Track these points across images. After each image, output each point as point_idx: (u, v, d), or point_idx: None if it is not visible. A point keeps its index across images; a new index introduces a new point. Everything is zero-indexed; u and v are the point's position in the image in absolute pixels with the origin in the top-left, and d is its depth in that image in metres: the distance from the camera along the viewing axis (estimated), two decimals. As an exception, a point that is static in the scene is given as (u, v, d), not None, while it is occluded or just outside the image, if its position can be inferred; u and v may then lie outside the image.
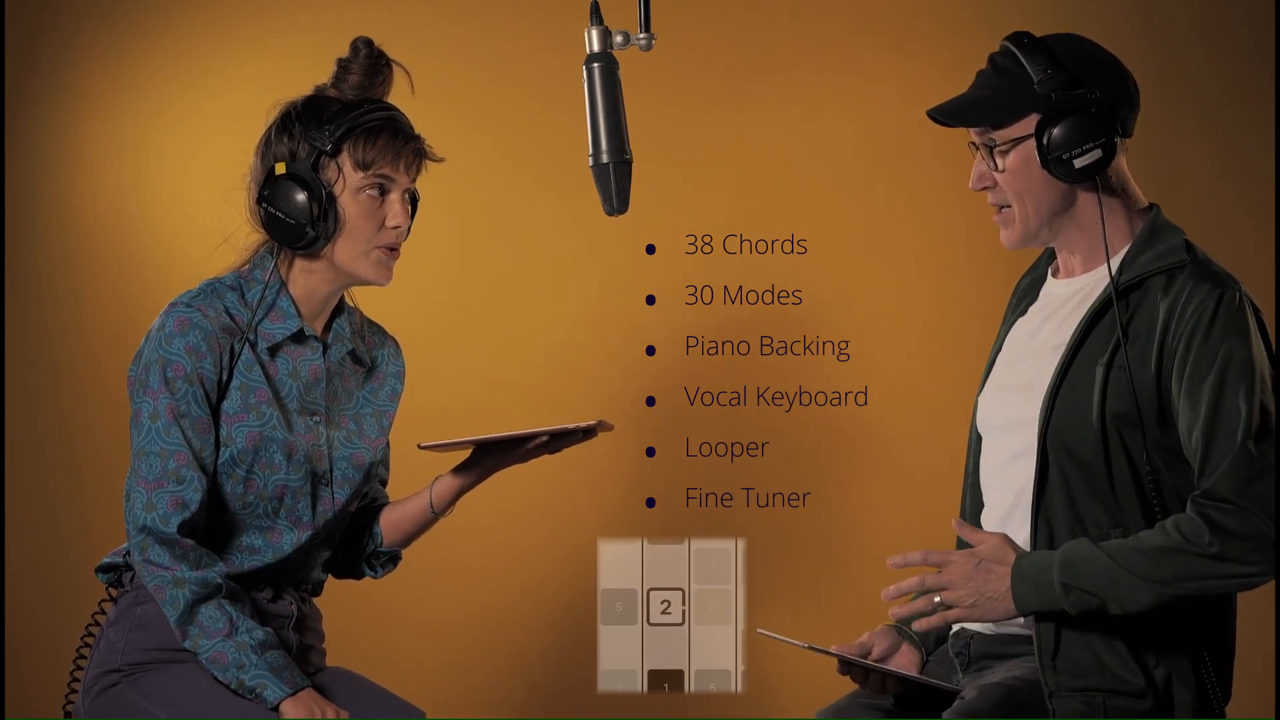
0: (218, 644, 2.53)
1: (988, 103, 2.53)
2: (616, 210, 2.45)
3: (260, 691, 2.52)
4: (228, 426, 2.60)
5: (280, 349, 2.65)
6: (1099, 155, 2.47)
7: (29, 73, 3.64)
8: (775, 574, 3.63)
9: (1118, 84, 2.52)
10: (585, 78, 2.44)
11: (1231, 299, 2.44)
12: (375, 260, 2.66)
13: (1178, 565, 2.38)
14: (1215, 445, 2.39)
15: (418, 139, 2.68)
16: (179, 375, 2.56)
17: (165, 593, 2.54)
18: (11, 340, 3.63)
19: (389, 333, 2.84)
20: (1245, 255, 3.62)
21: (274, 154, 2.63)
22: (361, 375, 2.76)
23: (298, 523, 2.65)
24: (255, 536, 2.64)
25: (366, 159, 2.62)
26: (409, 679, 3.27)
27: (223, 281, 2.65)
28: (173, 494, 2.55)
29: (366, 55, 2.67)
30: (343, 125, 2.61)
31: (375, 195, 2.64)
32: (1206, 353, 2.41)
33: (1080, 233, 2.55)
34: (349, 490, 2.70)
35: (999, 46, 2.55)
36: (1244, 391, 2.39)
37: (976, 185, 2.56)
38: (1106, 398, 2.45)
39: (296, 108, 2.65)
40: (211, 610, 2.54)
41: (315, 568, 2.74)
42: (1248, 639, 3.62)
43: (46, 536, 3.63)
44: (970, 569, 2.45)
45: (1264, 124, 3.60)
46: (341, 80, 2.66)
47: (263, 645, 2.54)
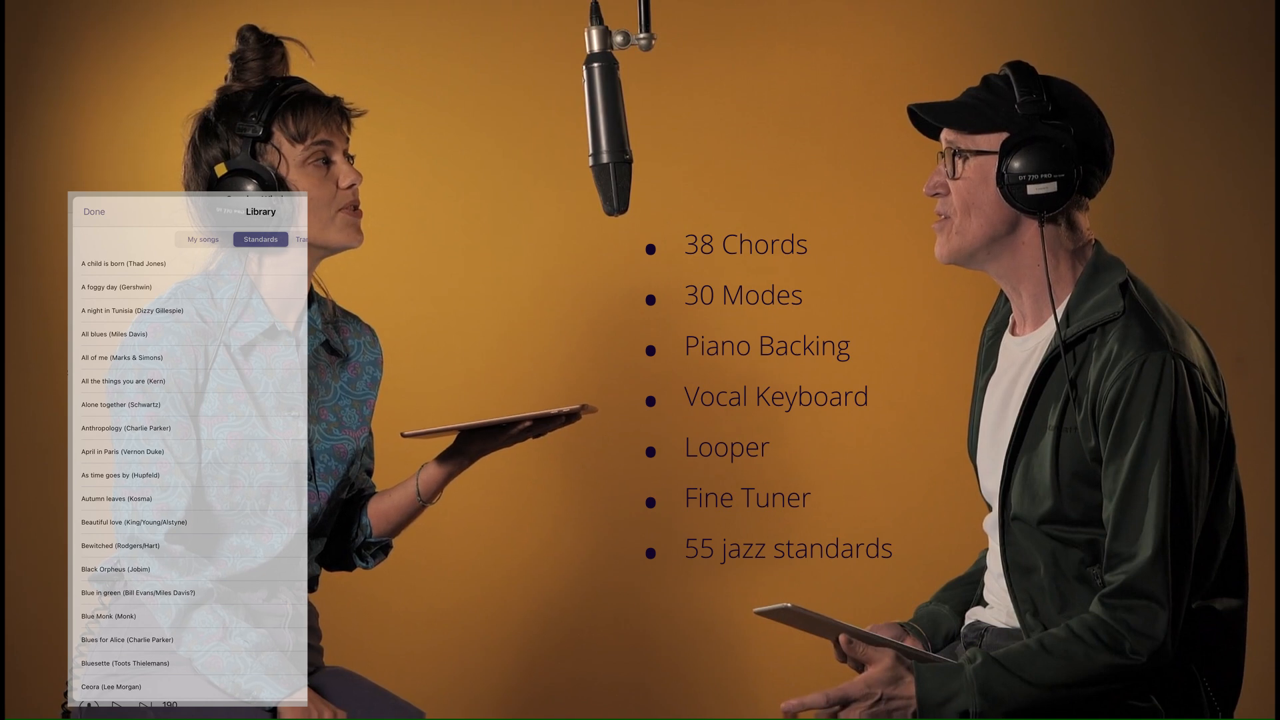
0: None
1: (964, 109, 2.54)
2: (616, 210, 2.45)
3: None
4: (208, 428, 2.59)
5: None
6: (1054, 189, 2.46)
7: (29, 73, 3.64)
8: (775, 574, 3.63)
9: (1095, 140, 2.51)
10: (585, 78, 2.44)
11: (1155, 366, 2.40)
12: (342, 224, 2.67)
13: (1091, 669, 2.39)
14: (1124, 532, 2.40)
15: (337, 99, 2.70)
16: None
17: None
18: (11, 340, 3.63)
19: (365, 322, 2.84)
20: (1245, 255, 3.62)
21: (206, 162, 2.64)
22: (338, 365, 2.76)
23: (286, 520, 2.65)
24: (245, 537, 2.63)
25: (300, 130, 2.64)
26: (409, 678, 3.27)
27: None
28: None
29: (256, 40, 2.69)
30: (265, 107, 2.63)
31: (320, 164, 2.65)
32: (1127, 426, 2.40)
33: (1017, 268, 2.54)
34: (333, 483, 2.70)
35: (999, 70, 2.56)
36: (1158, 474, 2.39)
37: (930, 190, 2.57)
38: (1058, 459, 2.46)
39: (211, 111, 2.66)
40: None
41: (309, 563, 2.73)
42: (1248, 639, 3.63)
43: (46, 537, 3.63)
44: (868, 699, 2.44)
45: (1264, 124, 3.60)
46: (241, 72, 2.67)
47: (257, 648, 2.54)
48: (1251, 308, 3.61)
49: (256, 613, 2.63)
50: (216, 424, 2.59)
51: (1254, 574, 3.59)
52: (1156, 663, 2.39)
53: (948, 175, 2.54)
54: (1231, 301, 3.60)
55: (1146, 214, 3.52)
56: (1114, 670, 2.39)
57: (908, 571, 2.76)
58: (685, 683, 3.67)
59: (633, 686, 3.67)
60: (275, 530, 2.64)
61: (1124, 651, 2.38)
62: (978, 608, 2.65)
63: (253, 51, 2.67)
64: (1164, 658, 2.39)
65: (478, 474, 3.39)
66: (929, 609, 2.71)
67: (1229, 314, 3.57)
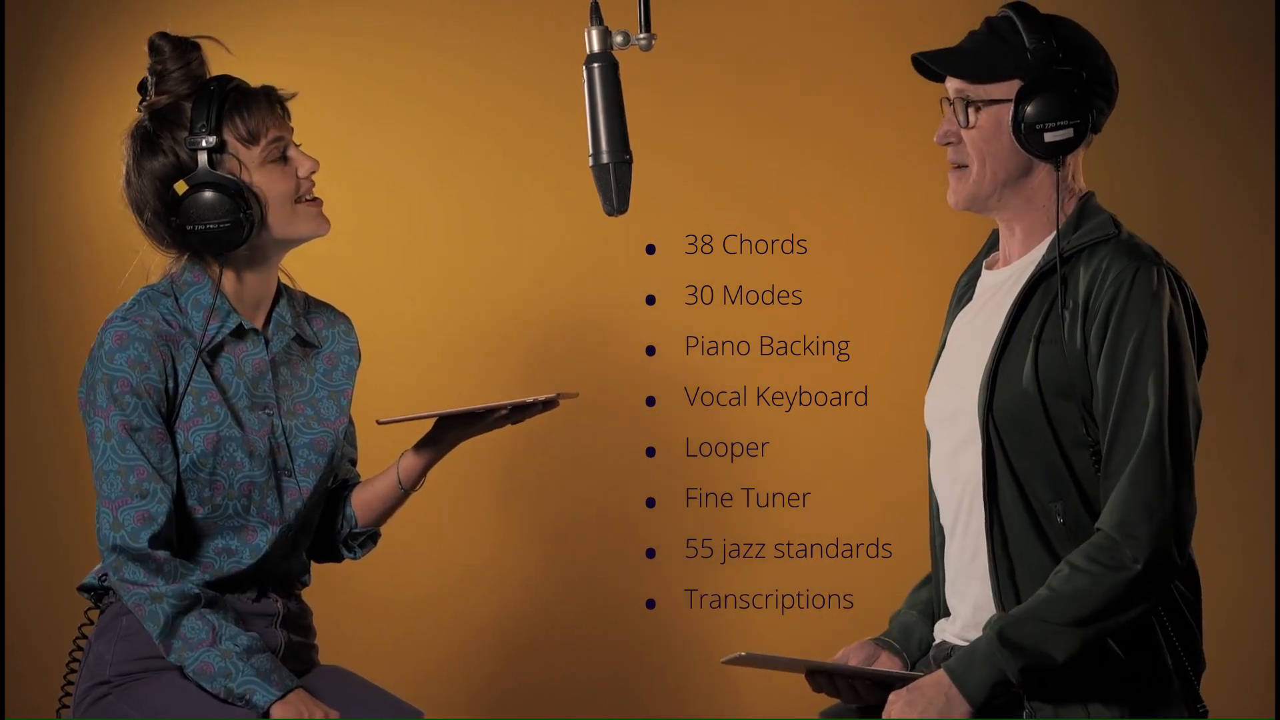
0: (202, 654, 2.52)
1: (974, 57, 2.53)
2: (616, 210, 2.44)
3: (249, 697, 2.51)
4: (185, 433, 2.58)
5: (221, 349, 2.63)
6: (1070, 135, 2.48)
7: (29, 73, 3.63)
8: (775, 574, 3.63)
9: (1103, 76, 2.53)
10: (585, 78, 2.43)
11: (1148, 274, 2.43)
12: (306, 215, 2.65)
13: (1101, 595, 2.35)
14: (1119, 435, 2.39)
15: (269, 88, 2.65)
16: (125, 390, 2.55)
17: (144, 609, 2.53)
18: (11, 340, 3.63)
19: (340, 311, 2.82)
20: (1245, 255, 3.62)
21: (155, 176, 2.60)
22: (312, 357, 2.74)
23: (269, 518, 2.64)
24: (230, 538, 2.63)
25: (250, 130, 2.60)
26: (407, 678, 3.27)
27: (156, 288, 2.63)
28: (138, 509, 2.54)
29: (171, 48, 2.62)
30: (211, 115, 2.58)
31: (278, 160, 2.63)
32: (1123, 328, 2.41)
33: (1025, 208, 2.55)
34: (315, 477, 2.68)
35: (998, 11, 2.55)
36: (1154, 378, 2.38)
37: (941, 140, 2.57)
38: (1039, 370, 2.45)
39: (148, 126, 2.61)
40: (193, 621, 2.53)
41: (296, 560, 2.73)
42: (1248, 639, 3.63)
43: (46, 538, 3.63)
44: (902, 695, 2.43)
45: (1264, 124, 3.60)
46: (162, 83, 2.62)
47: (248, 650, 2.53)
48: (1251, 308, 3.61)
49: (246, 614, 2.63)
50: (192, 427, 2.58)
51: (1254, 574, 3.60)
52: (1159, 570, 2.35)
53: (960, 124, 2.54)
54: (1231, 302, 3.60)
55: (1147, 214, 3.52)
56: (1124, 586, 2.35)
57: (908, 571, 2.75)
58: (685, 683, 3.67)
59: (632, 686, 3.66)
60: (259, 529, 2.64)
61: (1125, 564, 2.35)
62: (942, 620, 2.62)
63: (172, 60, 2.61)
64: (1165, 563, 2.36)
65: (477, 474, 3.40)
66: (900, 619, 2.69)
67: (1229, 314, 3.57)
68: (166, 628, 2.52)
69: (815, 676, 2.53)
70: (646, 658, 3.66)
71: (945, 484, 2.60)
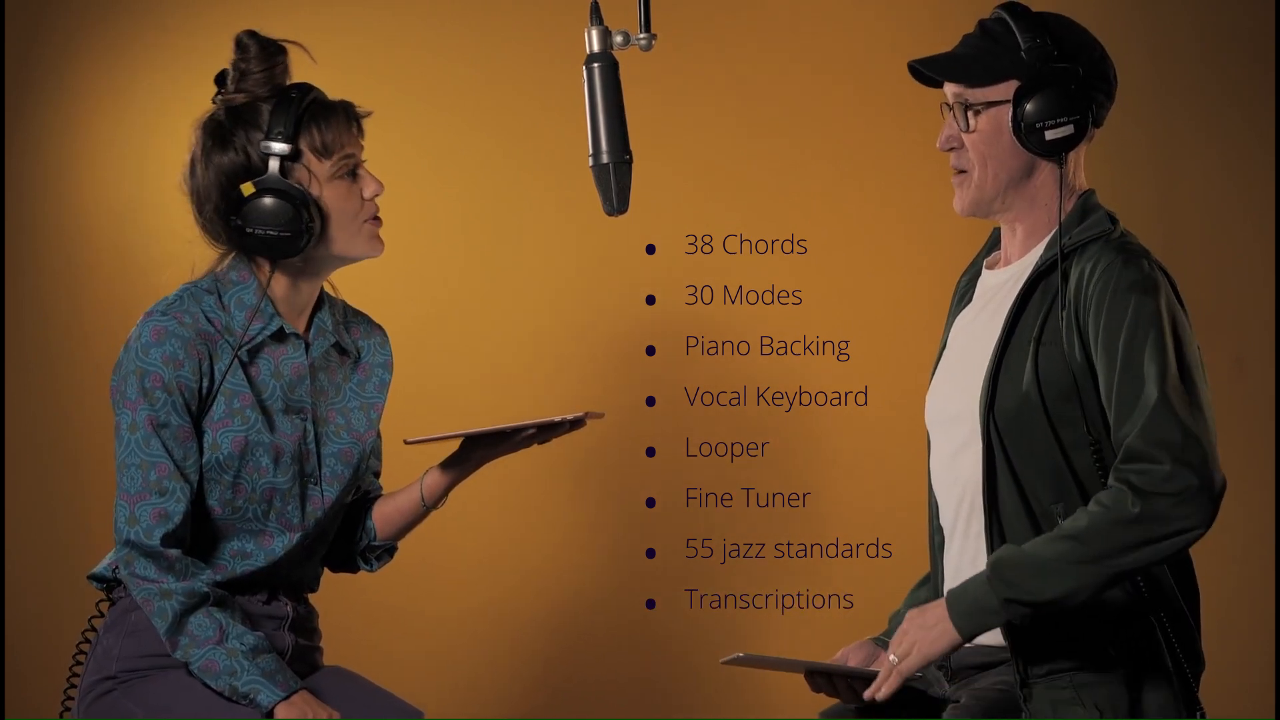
0: (208, 652, 2.52)
1: (970, 61, 2.53)
2: (616, 210, 2.45)
3: (254, 696, 2.51)
4: (213, 432, 2.57)
5: (261, 350, 2.63)
6: (1070, 131, 2.48)
7: (29, 73, 3.63)
8: (775, 574, 3.63)
9: (1100, 69, 2.53)
10: (585, 78, 2.43)
11: (1137, 262, 2.43)
12: (367, 235, 2.65)
13: (1108, 539, 2.33)
14: (1125, 402, 2.37)
15: (349, 104, 2.65)
16: (157, 385, 2.54)
17: (153, 605, 2.53)
18: (11, 340, 3.63)
19: (376, 322, 2.82)
20: (1245, 256, 3.62)
21: (222, 171, 2.58)
22: (349, 366, 2.74)
23: (288, 525, 2.64)
24: (246, 541, 2.62)
25: (325, 144, 2.59)
26: (408, 677, 3.27)
27: (199, 285, 2.62)
28: (155, 506, 2.53)
29: (258, 48, 2.61)
30: (289, 122, 2.56)
31: (347, 176, 2.62)
32: (1115, 311, 2.40)
33: (1029, 209, 2.55)
34: (339, 487, 2.68)
35: (990, 13, 2.55)
36: (1152, 344, 2.37)
37: (944, 145, 2.57)
38: (1040, 372, 2.45)
39: (222, 121, 2.59)
40: (200, 619, 2.52)
41: (311, 567, 2.73)
42: (1247, 639, 3.63)
43: (46, 538, 3.63)
44: (904, 624, 2.44)
45: (1264, 124, 3.60)
46: (244, 81, 2.60)
47: (254, 650, 2.53)
48: (1251, 308, 3.61)
49: (255, 616, 2.63)
50: (221, 428, 2.58)
51: (1254, 574, 3.60)
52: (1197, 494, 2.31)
53: (960, 128, 2.54)
54: (1231, 302, 3.60)
55: (1146, 213, 3.52)
56: (1123, 527, 2.32)
57: (908, 571, 2.75)
58: (685, 683, 3.67)
59: (631, 687, 3.66)
60: (276, 535, 2.64)
61: (1127, 508, 2.32)
62: None
63: (256, 61, 2.60)
64: (1202, 485, 2.31)
65: (477, 474, 3.39)
66: (900, 619, 2.69)
67: (1229, 315, 3.57)
68: (174, 624, 2.52)
69: (814, 676, 2.54)
70: (646, 658, 3.66)
71: (945, 485, 2.60)
